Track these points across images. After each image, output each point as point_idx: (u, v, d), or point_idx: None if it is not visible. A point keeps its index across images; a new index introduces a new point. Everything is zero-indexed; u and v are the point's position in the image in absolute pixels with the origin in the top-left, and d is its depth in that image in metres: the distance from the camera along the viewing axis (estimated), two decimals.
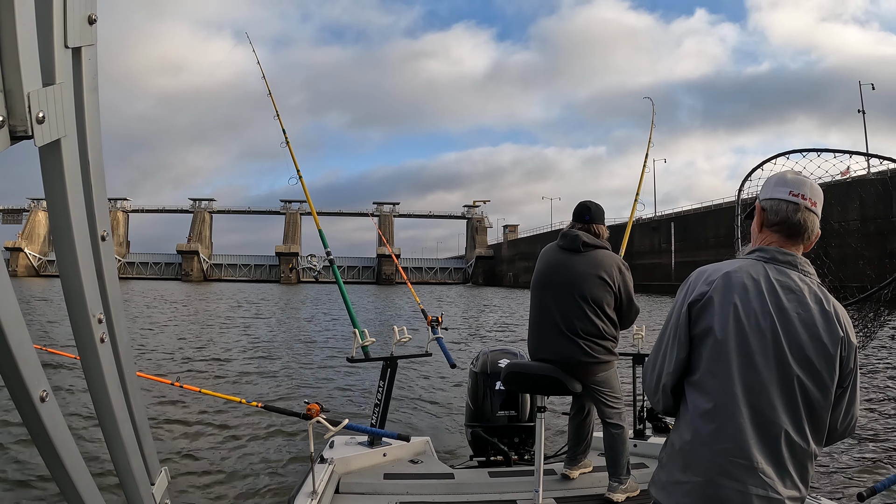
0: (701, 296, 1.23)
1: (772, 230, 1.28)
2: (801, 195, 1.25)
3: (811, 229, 1.26)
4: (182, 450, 4.64)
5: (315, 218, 3.90)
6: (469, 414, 3.31)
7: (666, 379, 1.27)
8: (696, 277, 1.28)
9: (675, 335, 1.25)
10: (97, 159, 0.72)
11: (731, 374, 1.17)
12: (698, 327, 1.22)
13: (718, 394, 1.18)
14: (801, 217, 1.25)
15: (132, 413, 0.82)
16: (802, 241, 1.27)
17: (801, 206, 1.25)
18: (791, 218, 1.25)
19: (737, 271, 1.23)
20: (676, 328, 1.25)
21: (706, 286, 1.23)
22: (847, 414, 1.21)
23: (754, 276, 1.21)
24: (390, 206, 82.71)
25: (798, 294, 1.19)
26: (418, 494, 2.57)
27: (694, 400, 1.22)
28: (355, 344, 3.15)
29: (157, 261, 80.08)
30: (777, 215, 1.27)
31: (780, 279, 1.21)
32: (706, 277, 1.25)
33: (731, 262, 1.27)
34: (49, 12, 0.59)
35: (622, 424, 2.59)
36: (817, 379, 1.15)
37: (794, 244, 1.26)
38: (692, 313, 1.23)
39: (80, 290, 0.68)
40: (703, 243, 37.59)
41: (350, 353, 3.17)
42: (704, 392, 1.20)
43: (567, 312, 2.51)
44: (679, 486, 1.19)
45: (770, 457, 1.13)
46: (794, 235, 1.26)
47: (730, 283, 1.21)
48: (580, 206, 2.71)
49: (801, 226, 1.25)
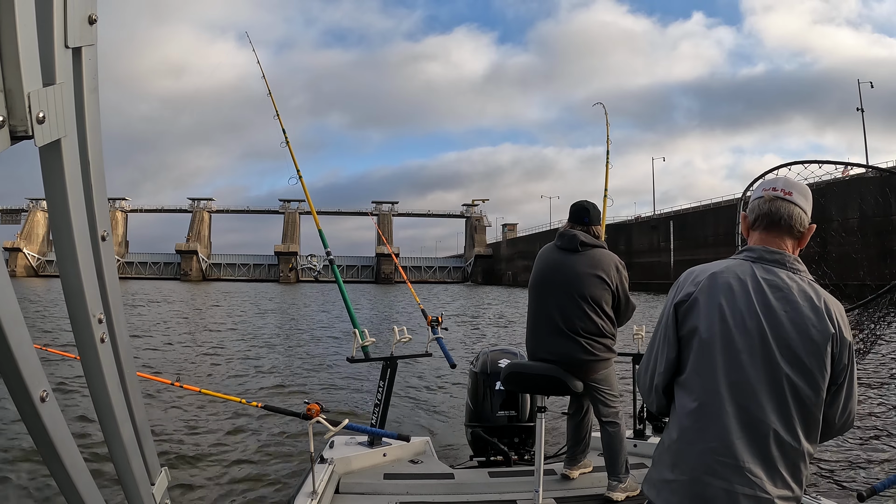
0: (687, 296, 1.24)
1: (755, 229, 1.29)
2: (772, 188, 1.27)
3: (788, 216, 1.25)
4: (182, 450, 4.63)
5: (315, 218, 3.90)
6: (469, 414, 3.31)
7: (658, 379, 1.28)
8: (684, 278, 1.30)
9: (665, 336, 1.27)
10: (97, 159, 0.72)
11: (716, 374, 1.17)
12: (685, 328, 1.23)
13: (703, 393, 1.18)
14: (775, 206, 1.26)
15: (132, 413, 0.83)
16: (786, 232, 1.26)
17: (772, 197, 1.26)
18: (762, 209, 1.27)
19: (723, 272, 1.24)
20: (666, 329, 1.27)
21: (693, 287, 1.25)
22: (844, 410, 1.21)
23: (741, 275, 1.22)
24: (389, 206, 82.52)
25: (786, 292, 1.18)
26: (418, 494, 2.57)
27: (681, 399, 1.23)
28: (355, 344, 3.15)
29: (156, 260, 79.87)
30: (754, 212, 1.30)
31: (767, 278, 1.20)
32: (693, 278, 1.27)
33: (718, 263, 1.28)
34: (49, 12, 0.59)
35: (618, 422, 2.60)
36: (808, 376, 1.14)
37: (779, 239, 1.26)
38: (679, 314, 1.25)
39: (81, 290, 0.69)
40: (703, 242, 37.64)
41: (350, 353, 3.17)
42: (690, 391, 1.21)
43: (567, 312, 2.51)
44: (667, 485, 1.20)
45: (758, 456, 1.12)
46: (774, 227, 1.26)
47: (716, 283, 1.22)
48: (578, 207, 2.70)
49: (776, 214, 1.25)
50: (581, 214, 2.67)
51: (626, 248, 44.15)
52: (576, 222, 2.67)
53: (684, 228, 41.89)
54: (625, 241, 45.73)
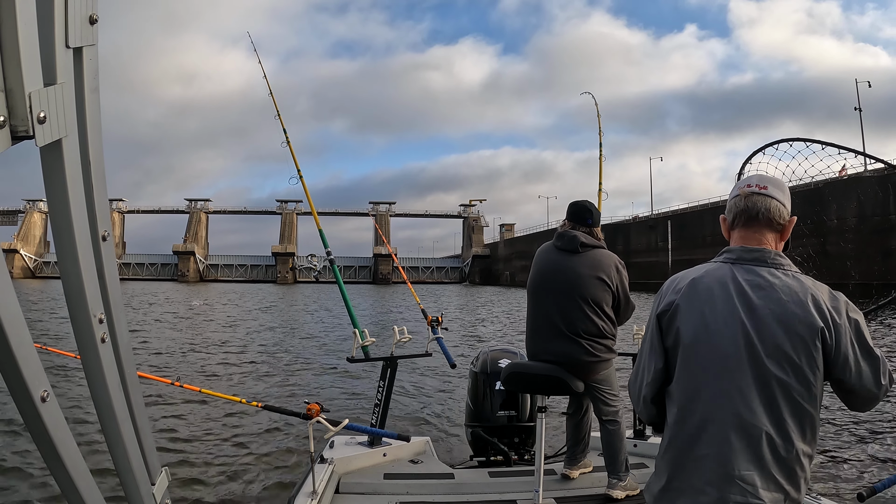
0: (669, 305, 1.23)
1: (734, 229, 1.28)
2: (748, 185, 1.26)
3: (766, 209, 1.23)
4: (182, 450, 4.63)
5: (316, 218, 3.90)
6: (469, 414, 3.31)
7: (645, 390, 1.27)
8: (666, 287, 1.29)
9: (651, 346, 1.26)
10: (98, 159, 0.72)
11: (703, 382, 1.16)
12: (670, 337, 1.22)
13: (691, 401, 1.17)
14: (751, 202, 1.24)
15: (133, 413, 0.82)
16: (765, 226, 1.24)
17: (748, 193, 1.25)
18: (738, 206, 1.26)
19: (703, 277, 1.22)
20: (651, 339, 1.26)
21: (674, 295, 1.23)
22: (877, 375, 1.14)
23: (721, 279, 1.20)
24: (386, 206, 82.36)
25: (769, 290, 1.16)
26: (418, 494, 2.57)
27: (671, 408, 1.22)
28: (355, 344, 3.15)
29: (153, 261, 79.58)
30: (731, 212, 1.28)
31: (748, 278, 1.18)
32: (675, 286, 1.25)
33: (698, 268, 1.26)
34: (50, 12, 0.59)
35: (619, 421, 2.60)
36: (798, 373, 1.11)
37: (759, 234, 1.24)
38: (662, 324, 1.24)
39: (81, 290, 0.68)
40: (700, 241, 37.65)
41: (350, 353, 3.17)
42: (678, 400, 1.20)
43: (568, 313, 2.50)
44: (663, 494, 1.19)
45: (751, 462, 1.10)
46: (753, 222, 1.24)
47: (696, 289, 1.21)
48: (580, 207, 2.66)
49: (753, 209, 1.24)
50: (584, 215, 2.64)
51: (625, 248, 44.14)
52: (577, 223, 2.64)
53: (682, 228, 41.91)
54: (623, 241, 45.70)
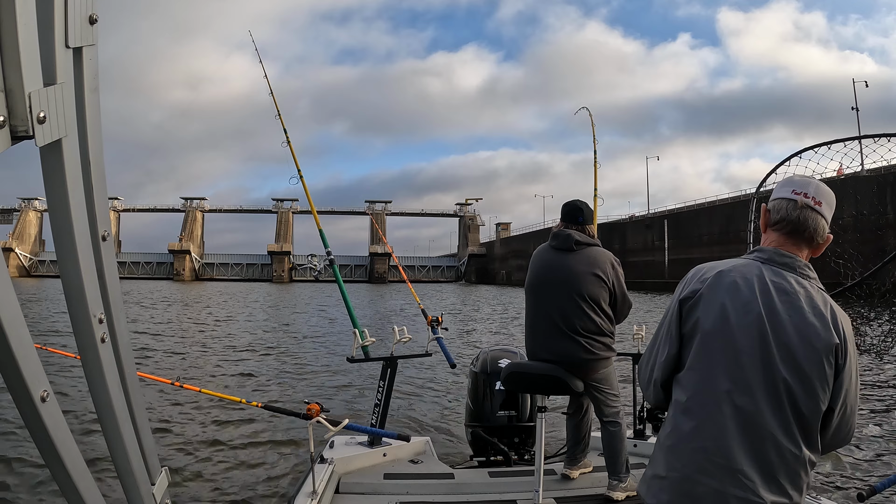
0: (693, 293, 1.23)
1: (774, 230, 1.26)
2: (804, 193, 1.23)
3: (814, 228, 1.22)
4: (182, 450, 4.62)
5: (316, 218, 3.90)
6: (469, 414, 3.31)
7: (657, 373, 1.27)
8: (692, 275, 1.29)
9: (668, 331, 1.26)
10: (98, 159, 0.72)
11: (715, 372, 1.16)
12: (688, 324, 1.22)
13: (700, 390, 1.17)
14: (801, 214, 1.22)
15: (132, 413, 0.82)
16: (806, 242, 1.23)
17: (800, 203, 1.22)
18: (790, 215, 1.23)
19: (730, 270, 1.22)
20: (669, 324, 1.26)
21: (699, 284, 1.24)
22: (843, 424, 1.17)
23: (748, 275, 1.20)
24: (382, 205, 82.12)
25: (793, 297, 1.15)
26: (418, 494, 2.57)
27: (678, 395, 1.22)
28: (355, 344, 3.14)
29: (149, 260, 79.11)
30: (777, 213, 1.26)
31: (775, 280, 1.18)
32: (701, 275, 1.26)
33: (726, 262, 1.26)
34: (50, 12, 0.59)
35: (619, 421, 2.60)
36: (806, 384, 1.10)
37: (796, 245, 1.23)
38: (683, 310, 1.24)
39: (81, 290, 0.68)
40: (697, 241, 37.76)
41: (350, 353, 3.17)
42: (686, 388, 1.20)
43: (566, 311, 2.51)
44: (658, 481, 1.19)
45: (755, 460, 1.10)
46: (795, 234, 1.23)
47: (721, 281, 1.21)
48: (571, 207, 2.69)
49: (801, 223, 1.22)
50: (575, 214, 2.67)
51: (621, 247, 44.13)
52: (570, 222, 2.67)
53: (678, 227, 42.00)
54: (619, 240, 45.70)
